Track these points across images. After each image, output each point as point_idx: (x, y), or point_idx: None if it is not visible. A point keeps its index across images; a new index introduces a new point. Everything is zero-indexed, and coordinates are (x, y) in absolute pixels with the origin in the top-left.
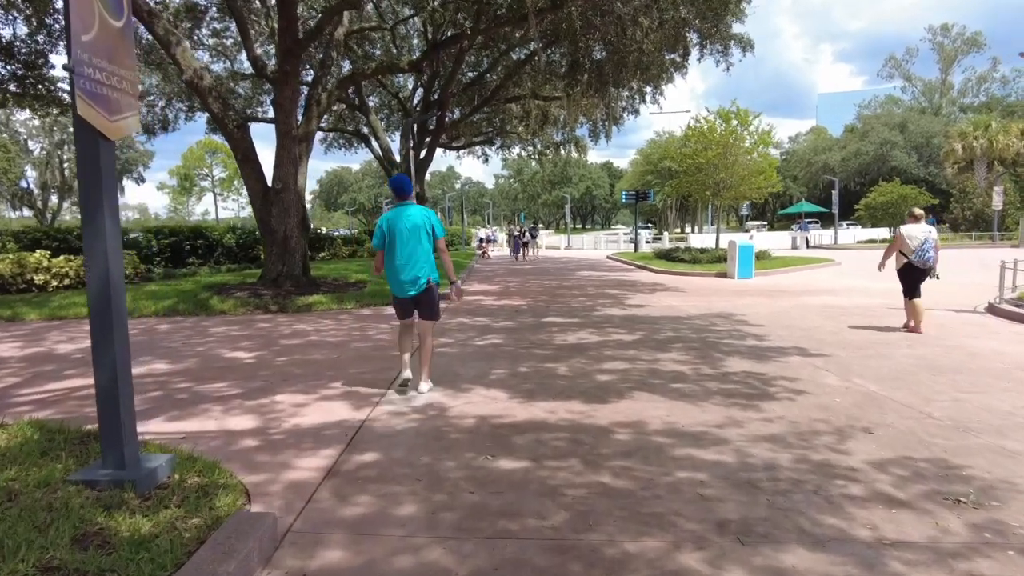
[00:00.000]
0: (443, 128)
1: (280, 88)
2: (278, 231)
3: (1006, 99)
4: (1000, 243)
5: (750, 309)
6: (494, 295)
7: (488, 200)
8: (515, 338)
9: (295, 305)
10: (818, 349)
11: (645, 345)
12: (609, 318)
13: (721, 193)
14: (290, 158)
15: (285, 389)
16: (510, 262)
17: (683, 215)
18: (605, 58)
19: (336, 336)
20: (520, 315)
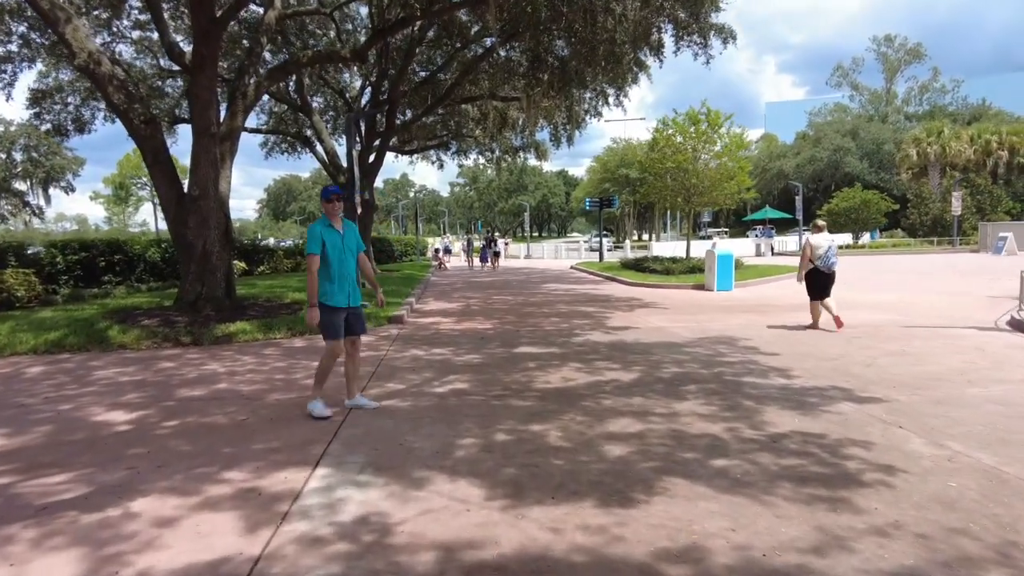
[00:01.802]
0: (393, 129)
1: (195, 76)
2: (196, 245)
3: (947, 107)
4: (960, 248)
5: (751, 331)
6: (454, 316)
7: (443, 208)
8: (484, 381)
9: (212, 336)
10: (865, 390)
11: (651, 389)
12: (594, 347)
13: (692, 199)
14: (209, 159)
15: (154, 486)
16: (469, 274)
17: (641, 223)
18: (570, 53)
19: (252, 382)
20: (487, 344)
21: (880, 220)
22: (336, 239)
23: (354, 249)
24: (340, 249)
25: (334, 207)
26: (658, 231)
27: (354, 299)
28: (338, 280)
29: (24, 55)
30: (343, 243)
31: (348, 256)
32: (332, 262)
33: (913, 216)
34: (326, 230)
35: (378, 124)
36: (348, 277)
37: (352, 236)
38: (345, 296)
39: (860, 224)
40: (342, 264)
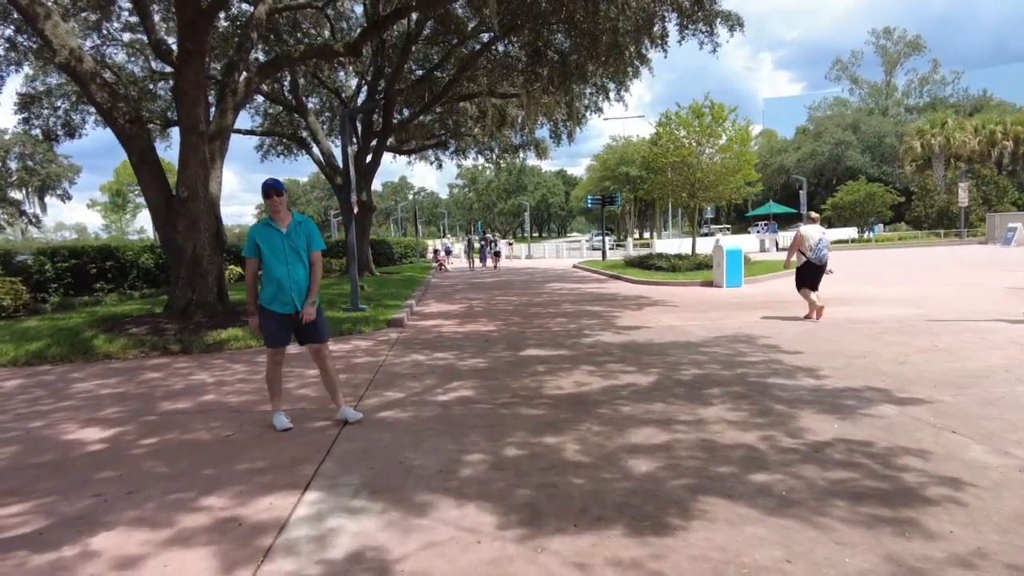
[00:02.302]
0: (390, 128)
1: (181, 71)
2: (185, 249)
3: (948, 99)
4: (967, 240)
5: (768, 328)
6: (456, 318)
7: (443, 210)
8: (491, 387)
9: (203, 343)
10: (904, 390)
11: (672, 393)
12: (605, 348)
13: (698, 194)
14: (198, 159)
15: (121, 517)
16: (470, 275)
17: (642, 221)
18: (571, 47)
19: (242, 393)
20: (492, 347)
21: (886, 213)
22: (275, 239)
23: (302, 249)
24: (281, 250)
25: (273, 203)
26: (659, 228)
27: (299, 304)
28: (276, 284)
29: (11, 58)
30: (284, 243)
31: (291, 257)
32: (267, 265)
33: (918, 208)
34: (263, 231)
35: (375, 124)
36: (292, 281)
37: (300, 235)
38: (286, 301)
39: (866, 217)
40: (280, 266)
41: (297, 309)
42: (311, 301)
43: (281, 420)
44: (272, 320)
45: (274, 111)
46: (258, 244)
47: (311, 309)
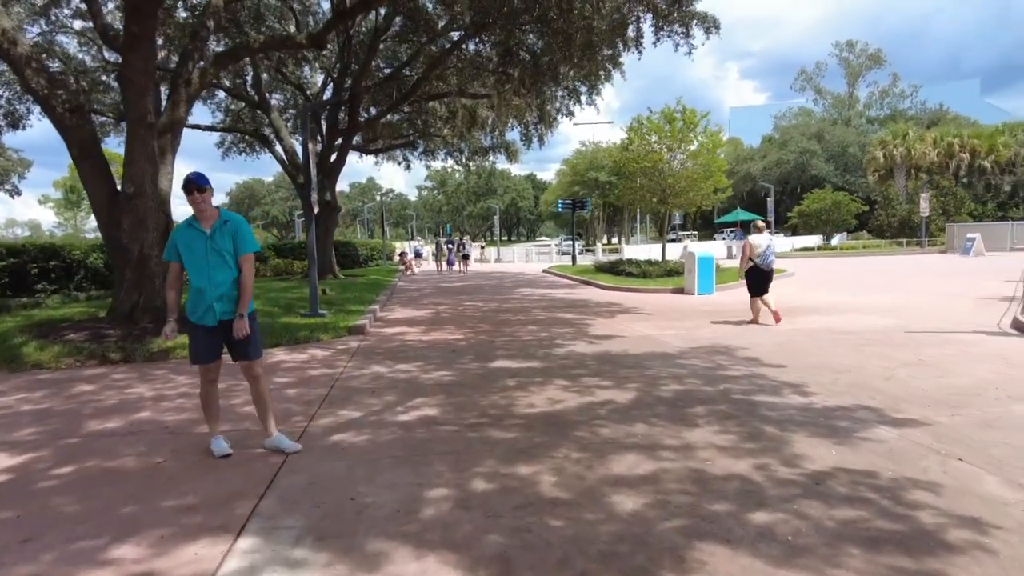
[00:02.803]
0: (357, 126)
1: (127, 57)
2: (132, 249)
3: (907, 112)
4: (928, 249)
5: (745, 339)
6: (422, 325)
7: (411, 212)
8: (457, 405)
9: (146, 351)
10: (898, 409)
11: (653, 413)
12: (579, 359)
13: (669, 200)
14: (146, 153)
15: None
16: (438, 279)
17: (610, 226)
18: (544, 47)
19: (182, 410)
20: (459, 357)
21: (851, 221)
22: (196, 242)
23: (227, 251)
24: (202, 254)
25: (193, 200)
26: (627, 234)
27: (222, 313)
28: (196, 292)
29: None
30: (207, 246)
31: (214, 261)
32: (188, 271)
33: (881, 218)
34: (184, 232)
35: (340, 122)
36: (214, 288)
37: (225, 236)
38: (205, 310)
39: (832, 225)
40: (201, 272)
41: (220, 320)
42: (240, 313)
43: (220, 445)
44: (196, 334)
45: (236, 107)
46: (177, 248)
47: (242, 323)
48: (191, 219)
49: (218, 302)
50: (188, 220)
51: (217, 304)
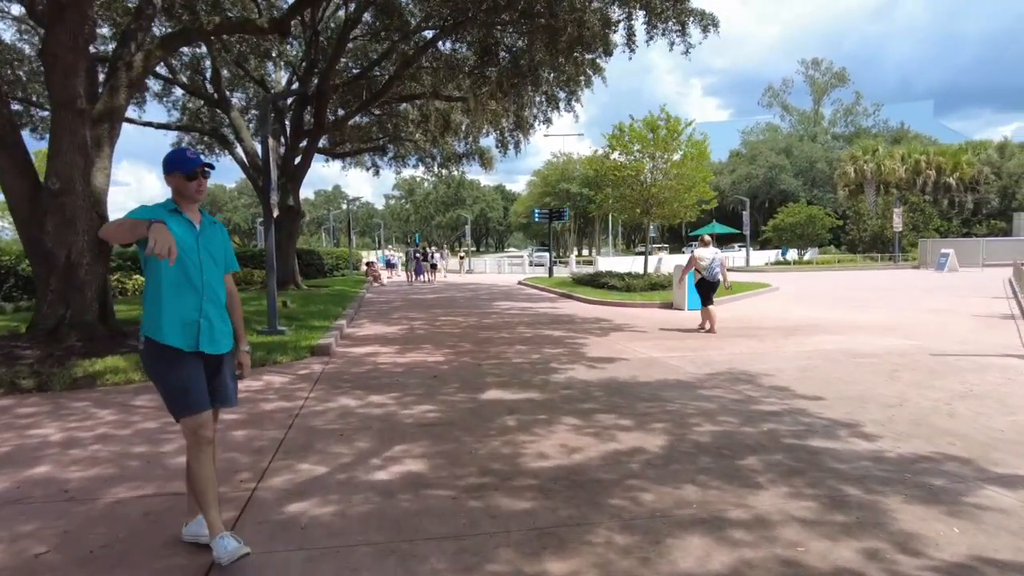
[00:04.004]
0: (323, 127)
1: (52, 30)
2: (57, 254)
3: (871, 130)
4: (901, 264)
5: (762, 362)
6: (395, 344)
7: (379, 221)
8: (448, 454)
9: (68, 377)
10: (992, 459)
11: (698, 466)
12: (584, 389)
13: (652, 211)
14: (75, 143)
15: None
16: (408, 290)
17: (580, 238)
18: (527, 44)
19: (95, 461)
20: (443, 386)
21: (825, 236)
22: (187, 235)
23: (220, 259)
24: (194, 251)
25: (199, 186)
26: (598, 245)
27: (219, 341)
28: (184, 302)
29: None
30: (199, 244)
31: (207, 266)
32: (169, 273)
33: (852, 232)
34: (170, 217)
35: (306, 123)
36: (213, 296)
37: (217, 240)
38: (195, 325)
39: (806, 240)
40: (195, 274)
41: (217, 351)
42: (244, 344)
43: (230, 546)
44: (180, 364)
45: (194, 105)
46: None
47: (247, 358)
48: (172, 203)
49: (219, 321)
50: (168, 204)
51: (218, 323)
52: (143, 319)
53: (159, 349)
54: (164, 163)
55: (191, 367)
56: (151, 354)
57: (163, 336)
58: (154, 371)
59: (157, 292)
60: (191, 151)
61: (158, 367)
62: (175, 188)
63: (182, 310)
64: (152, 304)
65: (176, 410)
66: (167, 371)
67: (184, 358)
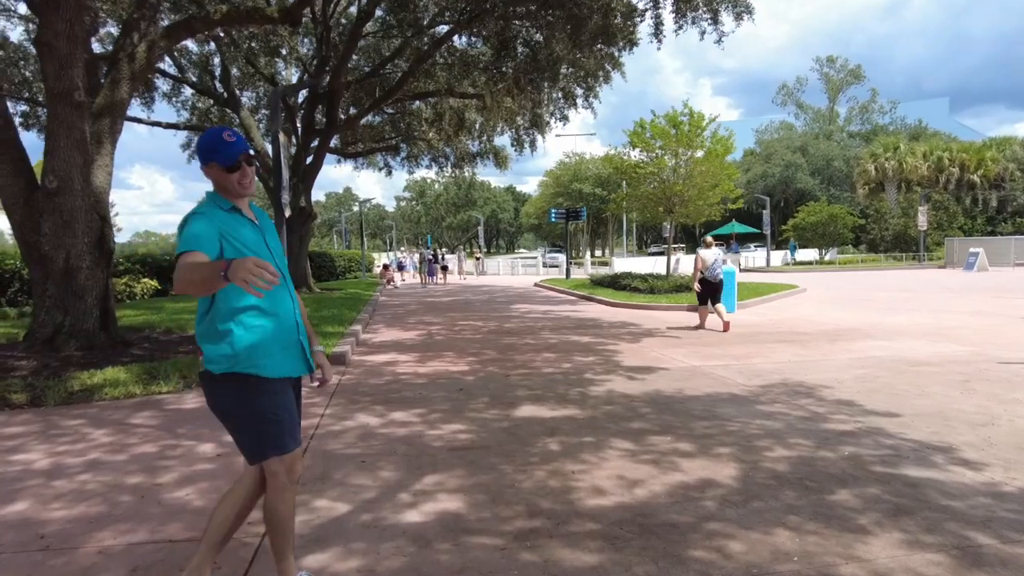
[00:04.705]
0: (335, 126)
1: (46, 17)
2: (55, 258)
3: (887, 127)
4: (926, 264)
5: (817, 372)
6: (415, 351)
7: (390, 222)
8: (487, 488)
9: (63, 391)
10: None
11: (784, 504)
12: (627, 404)
13: (675, 210)
14: (73, 139)
15: None
16: (423, 293)
17: (593, 238)
18: (547, 35)
19: (81, 496)
20: (471, 400)
21: (847, 235)
22: (250, 236)
23: (282, 257)
24: (266, 253)
25: (245, 176)
26: (612, 246)
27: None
28: (275, 318)
29: None
30: (269, 246)
31: (284, 270)
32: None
33: (874, 231)
34: (227, 218)
35: (317, 122)
36: (297, 307)
37: (273, 234)
38: (291, 347)
39: (827, 239)
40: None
41: (311, 367)
42: (317, 343)
43: None
44: (272, 392)
45: (204, 104)
46: (223, 240)
47: (325, 359)
48: (219, 198)
49: (303, 335)
50: (220, 202)
51: (303, 338)
52: (213, 353)
53: (255, 385)
54: (199, 149)
55: (288, 396)
56: (241, 394)
57: (262, 368)
58: (241, 411)
59: (237, 314)
60: (230, 131)
61: (250, 406)
62: (216, 182)
63: (280, 330)
64: (237, 331)
65: (266, 449)
66: (259, 409)
67: (283, 387)
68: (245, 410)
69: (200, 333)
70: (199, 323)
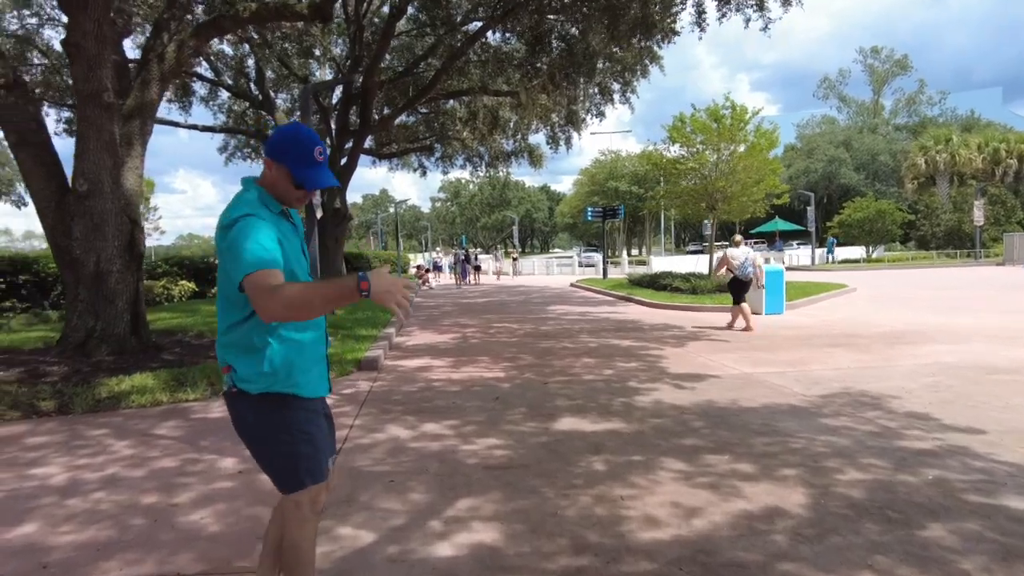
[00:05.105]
0: (369, 125)
1: (74, 17)
2: (85, 262)
3: (937, 119)
4: (983, 260)
5: (881, 380)
6: (449, 356)
7: (425, 223)
8: (528, 516)
9: (92, 398)
10: None
11: (868, 540)
12: (678, 417)
13: (718, 206)
14: (103, 141)
15: None
16: (457, 294)
17: (629, 237)
18: (583, 28)
19: (93, 517)
20: (507, 410)
21: (896, 232)
22: (295, 243)
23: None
24: (305, 265)
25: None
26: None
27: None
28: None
29: None
30: (305, 252)
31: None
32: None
33: (924, 227)
34: (277, 221)
35: (351, 123)
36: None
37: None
38: (325, 368)
39: (875, 236)
40: None
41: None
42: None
43: None
44: (316, 415)
45: (239, 107)
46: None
47: None
48: (264, 194)
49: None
50: (263, 196)
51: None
52: (248, 371)
53: (293, 406)
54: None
55: (322, 417)
56: (279, 417)
57: (301, 387)
58: (277, 436)
59: (277, 327)
60: (322, 148)
61: (289, 430)
62: (273, 181)
63: (314, 346)
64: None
65: (303, 477)
66: (297, 432)
67: (319, 408)
68: (283, 434)
69: (227, 345)
70: (226, 334)
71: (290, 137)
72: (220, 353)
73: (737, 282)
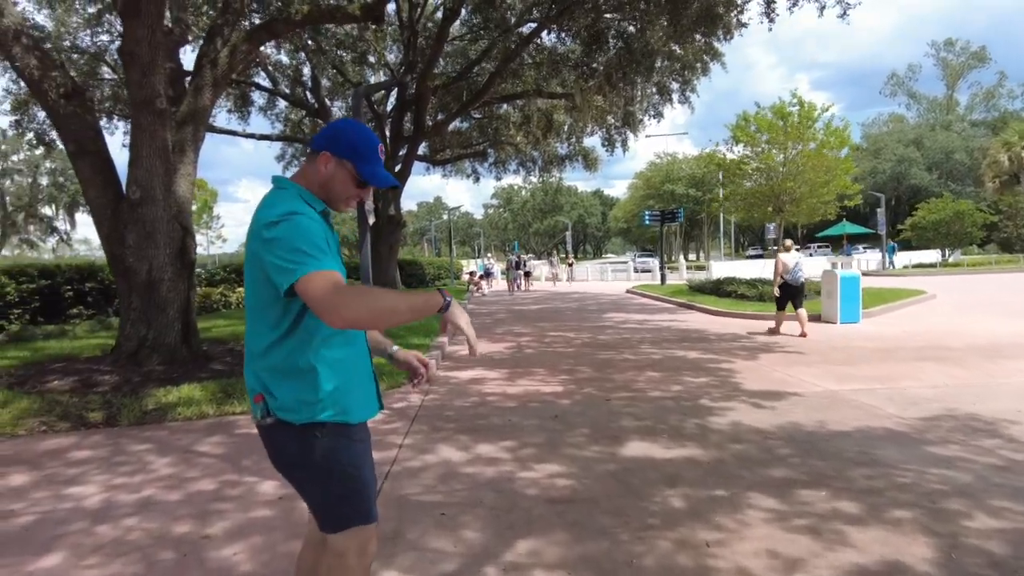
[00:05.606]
0: (423, 130)
1: (128, 24)
2: (138, 270)
3: (1020, 113)
4: None
5: (988, 400)
6: (503, 367)
7: (478, 230)
8: (597, 565)
9: (139, 410)
10: None
11: None
12: (760, 442)
13: (785, 208)
14: (155, 147)
15: None
16: (510, 300)
17: (686, 242)
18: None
19: (123, 547)
20: (568, 431)
21: (977, 234)
22: (335, 248)
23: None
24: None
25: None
26: (708, 249)
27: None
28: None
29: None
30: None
31: None
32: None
33: (1008, 229)
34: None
35: (405, 130)
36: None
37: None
38: (373, 386)
39: (953, 239)
40: None
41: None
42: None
43: None
44: (363, 443)
45: (296, 116)
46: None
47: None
48: (305, 192)
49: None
50: (304, 195)
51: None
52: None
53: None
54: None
55: (369, 446)
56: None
57: (349, 413)
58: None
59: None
60: (382, 147)
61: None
62: (326, 178)
63: (359, 360)
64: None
65: (354, 518)
66: (345, 465)
67: (366, 435)
68: (332, 468)
69: (266, 369)
70: (264, 356)
71: (355, 131)
72: (252, 380)
73: (788, 287)
